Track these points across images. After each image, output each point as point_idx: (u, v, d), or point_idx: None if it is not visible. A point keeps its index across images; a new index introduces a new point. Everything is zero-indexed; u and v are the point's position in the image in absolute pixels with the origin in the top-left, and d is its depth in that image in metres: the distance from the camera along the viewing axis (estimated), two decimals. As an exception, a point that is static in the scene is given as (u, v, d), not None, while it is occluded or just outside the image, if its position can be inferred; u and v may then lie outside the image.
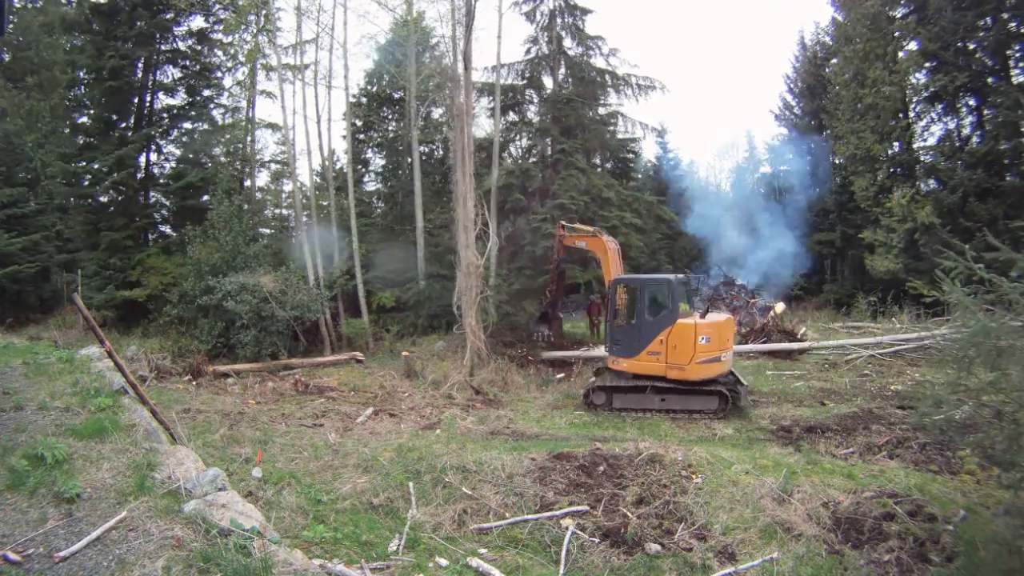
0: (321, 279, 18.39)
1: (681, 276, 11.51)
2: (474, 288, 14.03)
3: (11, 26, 23.36)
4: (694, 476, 6.68)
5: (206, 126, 22.74)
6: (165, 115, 22.25)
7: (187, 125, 22.70)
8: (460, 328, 14.29)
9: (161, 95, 22.24)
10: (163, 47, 21.76)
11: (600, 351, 13.93)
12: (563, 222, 14.45)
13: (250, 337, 14.77)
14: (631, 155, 25.94)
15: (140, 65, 21.43)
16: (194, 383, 12.83)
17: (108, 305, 19.65)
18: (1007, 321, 4.76)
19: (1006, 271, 5.04)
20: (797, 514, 5.88)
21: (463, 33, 15.04)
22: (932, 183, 21.85)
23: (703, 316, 10.66)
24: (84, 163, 21.62)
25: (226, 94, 23.48)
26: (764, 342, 15.79)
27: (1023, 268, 4.93)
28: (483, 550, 5.68)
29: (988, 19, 19.24)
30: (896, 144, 22.76)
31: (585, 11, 19.54)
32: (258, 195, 26.14)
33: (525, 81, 20.44)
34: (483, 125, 21.37)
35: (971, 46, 19.96)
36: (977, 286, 5.02)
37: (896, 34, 21.70)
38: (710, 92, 69.51)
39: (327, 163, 23.35)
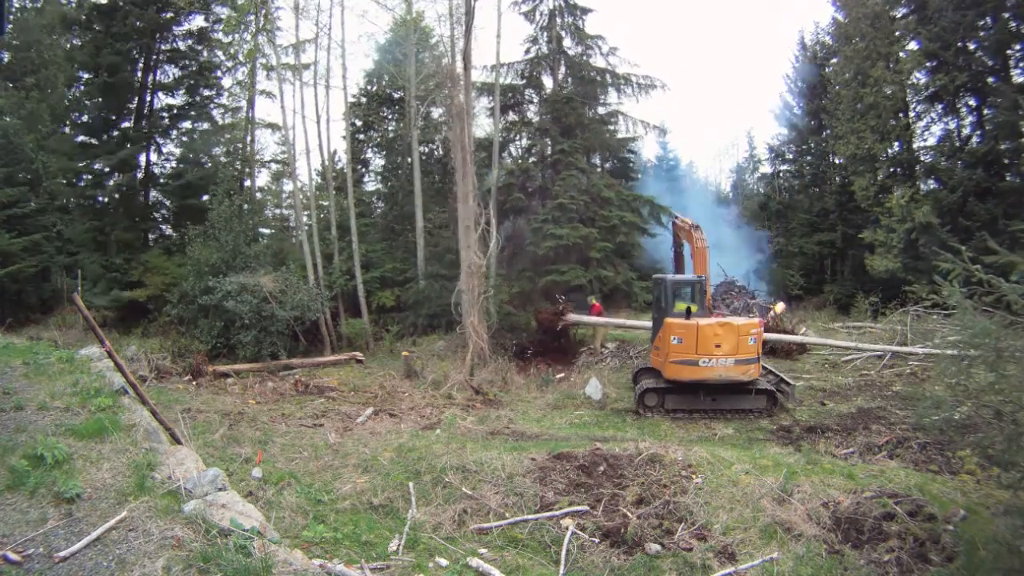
0: (321, 279, 18.40)
1: (691, 277, 11.78)
2: (476, 288, 14.02)
3: (10, 26, 23.34)
4: (694, 476, 6.68)
5: (206, 126, 22.74)
6: (165, 115, 22.24)
7: (187, 125, 22.71)
8: (462, 328, 14.28)
9: (161, 95, 22.24)
10: (163, 46, 21.75)
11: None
12: (675, 213, 14.65)
13: (250, 337, 14.77)
14: (631, 154, 25.94)
15: (140, 64, 21.43)
16: (194, 383, 12.83)
17: (108, 305, 19.65)
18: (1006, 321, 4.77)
19: (1005, 273, 5.05)
20: (797, 514, 5.88)
21: (463, 33, 15.05)
22: (932, 183, 21.85)
23: (687, 317, 10.62)
24: (84, 163, 21.61)
25: (226, 94, 23.49)
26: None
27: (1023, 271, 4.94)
28: (483, 550, 5.68)
29: (988, 19, 19.23)
30: (896, 144, 22.75)
31: (585, 11, 19.53)
32: (258, 195, 26.13)
33: (525, 81, 20.43)
34: (483, 125, 21.38)
35: (971, 46, 19.95)
36: (976, 287, 5.03)
37: (897, 34, 21.69)
38: (710, 92, 69.56)
39: (327, 163, 23.36)
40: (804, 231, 28.84)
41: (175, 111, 22.29)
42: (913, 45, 21.30)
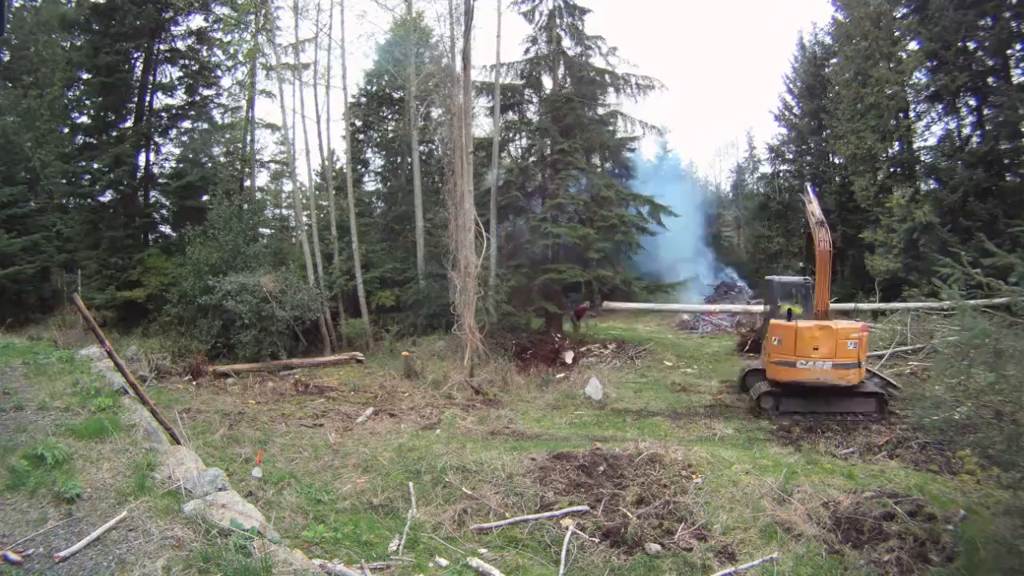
0: (321, 279, 18.40)
1: (796, 279, 12.21)
2: (471, 289, 14.01)
3: (8, 25, 23.32)
4: (694, 476, 6.68)
5: (205, 126, 22.70)
6: (164, 114, 22.23)
7: (186, 124, 22.67)
8: (458, 328, 14.28)
9: (160, 94, 22.21)
10: (162, 46, 21.72)
11: None
12: (809, 186, 13.96)
13: (250, 337, 14.76)
14: (630, 153, 25.91)
15: (139, 64, 21.41)
16: (194, 383, 12.83)
17: (108, 305, 19.63)
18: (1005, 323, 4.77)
19: (1005, 275, 5.05)
20: (797, 514, 5.88)
21: (462, 32, 15.03)
22: (932, 183, 21.83)
23: (789, 319, 10.58)
24: (83, 163, 21.61)
25: (225, 94, 23.45)
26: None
27: (1022, 273, 4.94)
28: (483, 550, 5.68)
29: (989, 19, 19.22)
30: (896, 144, 22.74)
31: (584, 11, 19.51)
32: (258, 195, 26.12)
33: (524, 80, 20.42)
34: (483, 125, 21.38)
35: (972, 46, 19.94)
36: (977, 289, 5.04)
37: (897, 33, 21.67)
38: (710, 92, 69.52)
39: (327, 163, 23.35)
40: (804, 231, 28.80)
41: (174, 111, 22.26)
42: (914, 45, 21.28)
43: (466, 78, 15.21)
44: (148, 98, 21.81)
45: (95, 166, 20.97)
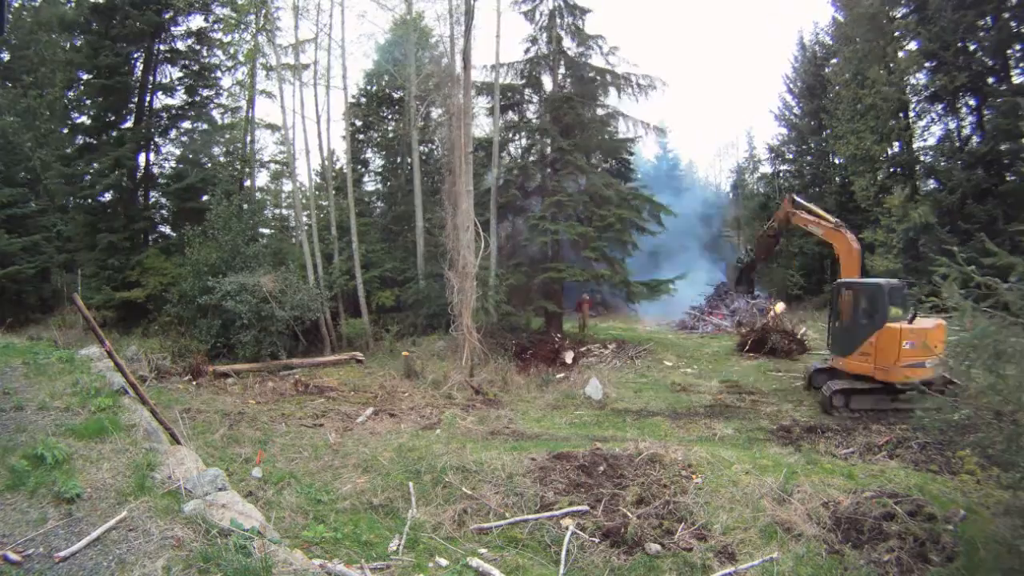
0: (321, 279, 18.40)
1: (895, 282, 11.84)
2: (469, 288, 14.00)
3: (8, 25, 23.31)
4: (694, 476, 6.68)
5: (205, 126, 22.72)
6: (164, 115, 22.23)
7: (186, 125, 22.69)
8: (455, 328, 14.27)
9: (160, 95, 22.23)
10: (162, 47, 21.73)
11: None
12: (793, 196, 14.22)
13: (249, 337, 14.76)
14: (630, 155, 25.93)
15: (139, 65, 21.41)
16: (194, 383, 12.83)
17: (108, 305, 19.63)
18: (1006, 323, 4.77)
19: (1004, 275, 5.05)
20: (797, 514, 5.88)
21: (462, 33, 15.02)
22: (931, 183, 21.84)
23: (911, 321, 10.65)
24: (83, 163, 21.62)
25: (225, 94, 23.46)
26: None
27: (1022, 272, 4.94)
28: (483, 550, 5.68)
29: (988, 19, 19.22)
30: (896, 144, 22.75)
31: (584, 11, 19.49)
32: (258, 195, 26.12)
33: (524, 80, 20.41)
34: (483, 125, 21.36)
35: (971, 46, 19.95)
36: (975, 290, 5.03)
37: (896, 34, 21.67)
38: (710, 92, 69.58)
39: (326, 163, 23.35)
40: (804, 231, 28.79)
41: (174, 111, 22.27)
42: (913, 45, 21.29)
43: (466, 78, 15.21)
44: (148, 98, 21.83)
45: (95, 166, 20.97)
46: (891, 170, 22.69)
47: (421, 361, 14.52)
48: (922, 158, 22.17)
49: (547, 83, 20.35)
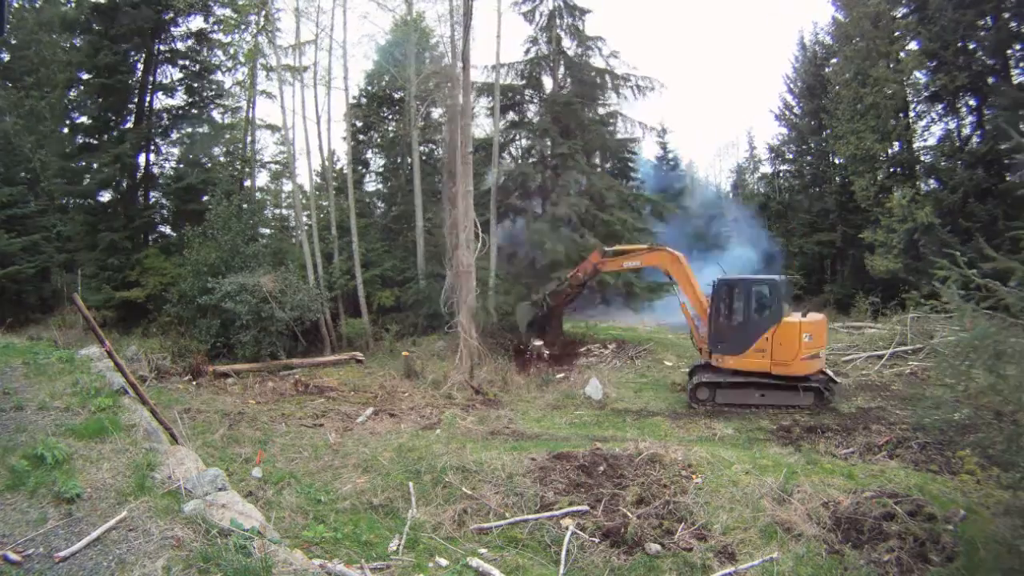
0: (321, 279, 18.39)
1: (783, 278, 12.11)
2: (464, 288, 14.00)
3: (8, 25, 23.32)
4: (694, 476, 6.68)
5: (206, 126, 22.72)
6: (164, 115, 22.24)
7: (187, 127, 22.68)
8: (452, 328, 14.25)
9: (160, 95, 22.23)
10: (162, 47, 21.74)
11: None
12: (604, 248, 14.24)
13: (249, 337, 14.76)
14: (631, 155, 25.92)
15: (139, 65, 21.42)
16: (194, 383, 12.83)
17: (108, 305, 19.63)
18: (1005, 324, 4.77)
19: (1005, 276, 5.06)
20: (797, 514, 5.88)
21: (462, 33, 15.01)
22: (932, 183, 21.84)
23: (805, 315, 11.08)
24: (83, 163, 21.62)
25: (226, 94, 23.48)
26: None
27: (1022, 277, 4.95)
28: (483, 550, 5.68)
29: (989, 19, 19.23)
30: (896, 144, 22.75)
31: (584, 11, 19.49)
32: (258, 195, 26.13)
33: (525, 81, 20.41)
34: (483, 125, 21.36)
35: (971, 46, 19.95)
36: (975, 291, 5.04)
37: (897, 33, 21.67)
38: (710, 92, 69.59)
39: (327, 163, 23.36)
40: (804, 231, 28.84)
41: (175, 112, 22.28)
42: (913, 45, 21.29)
43: (465, 78, 15.21)
44: (148, 99, 21.83)
45: (95, 166, 20.98)
46: (891, 170, 22.69)
47: (421, 361, 14.52)
48: (923, 158, 22.17)
49: (547, 84, 20.36)
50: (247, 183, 23.89)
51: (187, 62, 22.14)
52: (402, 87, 21.52)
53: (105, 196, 21.82)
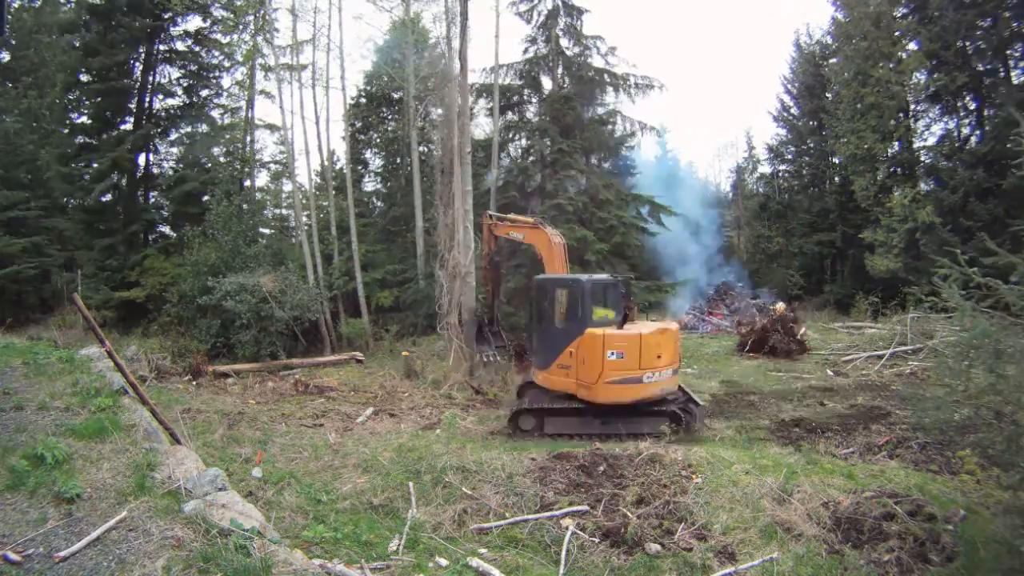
0: (321, 279, 18.39)
1: (605, 277, 9.98)
2: (458, 289, 14.00)
3: (8, 26, 23.32)
4: (694, 476, 6.67)
5: (205, 127, 22.74)
6: (163, 115, 22.24)
7: (186, 127, 22.70)
8: (442, 328, 14.21)
9: (160, 95, 22.25)
10: (161, 47, 21.76)
11: None
12: (490, 212, 13.40)
13: (249, 337, 14.77)
14: (630, 154, 25.93)
15: (138, 65, 21.44)
16: (194, 383, 12.83)
17: (108, 305, 19.65)
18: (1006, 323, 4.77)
19: (1006, 274, 5.05)
20: (797, 514, 5.87)
21: (458, 34, 15.01)
22: (932, 183, 21.84)
23: (621, 326, 9.00)
24: (83, 163, 21.64)
25: (224, 95, 23.51)
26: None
27: (1023, 273, 4.94)
28: (483, 550, 5.67)
29: (989, 19, 19.23)
30: (896, 144, 22.75)
31: (582, 11, 19.54)
32: (258, 195, 26.16)
33: (523, 81, 20.43)
34: (482, 125, 21.38)
35: (971, 46, 19.96)
36: (975, 290, 5.04)
37: (897, 34, 21.68)
38: (709, 92, 69.58)
39: (326, 163, 23.39)
40: (804, 231, 28.84)
41: (174, 112, 22.30)
42: (913, 45, 21.30)
43: (463, 78, 15.21)
44: (148, 99, 21.86)
45: (95, 167, 20.99)
46: (891, 170, 22.69)
47: (421, 361, 14.51)
48: (923, 158, 22.18)
49: (546, 83, 20.40)
50: (247, 183, 23.90)
51: (186, 62, 22.18)
52: (400, 87, 21.55)
53: (105, 196, 21.82)
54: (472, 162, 15.54)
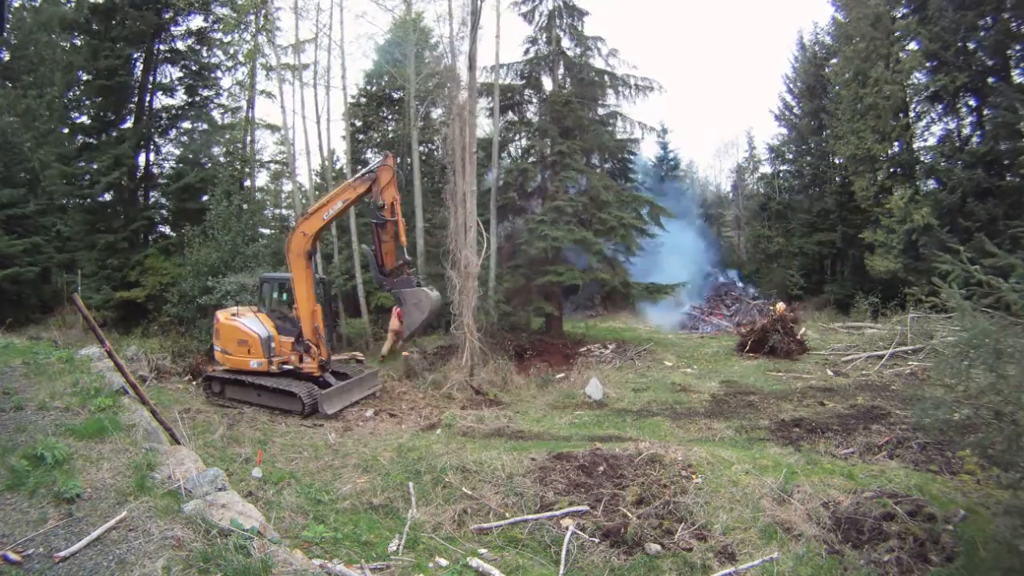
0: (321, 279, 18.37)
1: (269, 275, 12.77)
2: (470, 288, 13.99)
3: (8, 25, 23.34)
4: (694, 476, 6.68)
5: (205, 126, 22.74)
6: (164, 115, 22.25)
7: (186, 125, 22.72)
8: (456, 328, 14.25)
9: (160, 95, 22.25)
10: (162, 47, 21.76)
11: None
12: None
13: (250, 337, 14.73)
14: (630, 155, 25.93)
15: (139, 65, 21.44)
16: (194, 383, 12.83)
17: (108, 305, 19.66)
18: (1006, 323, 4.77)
19: (1005, 274, 5.05)
20: (797, 514, 5.88)
21: (468, 33, 14.98)
22: (932, 183, 21.84)
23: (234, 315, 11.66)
24: (83, 163, 21.63)
25: (225, 94, 23.51)
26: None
27: (1022, 274, 4.94)
28: (483, 550, 5.67)
29: (989, 19, 19.22)
30: (896, 144, 22.74)
31: (583, 12, 19.49)
32: (258, 195, 26.15)
33: (524, 81, 20.40)
34: (482, 125, 21.35)
35: (971, 46, 19.95)
36: (975, 288, 5.03)
37: (897, 34, 21.68)
38: (709, 92, 69.58)
39: (326, 163, 23.37)
40: (804, 231, 28.85)
41: (174, 111, 22.30)
42: (913, 45, 21.29)
43: (471, 78, 15.19)
44: (148, 98, 21.87)
45: (95, 166, 20.99)
46: (891, 170, 22.69)
47: (421, 361, 14.52)
48: (922, 158, 22.17)
49: (547, 84, 20.36)
50: (247, 183, 23.89)
51: (187, 62, 22.18)
52: (401, 87, 21.53)
53: (105, 196, 21.82)
54: (475, 161, 15.53)
